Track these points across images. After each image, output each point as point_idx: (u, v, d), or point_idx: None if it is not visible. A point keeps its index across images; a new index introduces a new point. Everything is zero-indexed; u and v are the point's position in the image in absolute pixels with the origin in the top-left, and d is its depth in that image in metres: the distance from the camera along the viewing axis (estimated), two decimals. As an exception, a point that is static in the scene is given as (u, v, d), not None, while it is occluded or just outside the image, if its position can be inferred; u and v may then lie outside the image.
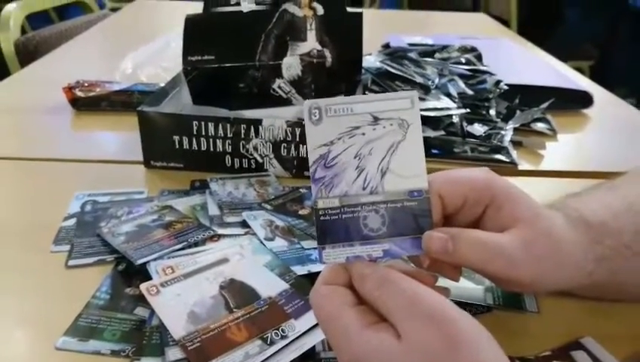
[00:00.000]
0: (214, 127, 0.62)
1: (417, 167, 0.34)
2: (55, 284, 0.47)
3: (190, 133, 0.63)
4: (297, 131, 0.62)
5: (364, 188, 0.34)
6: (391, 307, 0.30)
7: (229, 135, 0.63)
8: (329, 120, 0.34)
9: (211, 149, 0.64)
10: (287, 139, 0.62)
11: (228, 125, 0.62)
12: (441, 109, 0.74)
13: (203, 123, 0.62)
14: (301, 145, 0.63)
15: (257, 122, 0.62)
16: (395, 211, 0.34)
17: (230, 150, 0.64)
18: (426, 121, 0.72)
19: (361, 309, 0.31)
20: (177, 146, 0.64)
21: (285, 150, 0.63)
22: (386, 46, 1.07)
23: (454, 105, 0.75)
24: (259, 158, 0.64)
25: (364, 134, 0.34)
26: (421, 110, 0.70)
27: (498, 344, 0.30)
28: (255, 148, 0.63)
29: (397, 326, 0.30)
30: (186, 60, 0.76)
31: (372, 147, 0.34)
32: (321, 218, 0.34)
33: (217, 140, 0.63)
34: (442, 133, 0.72)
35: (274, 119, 0.62)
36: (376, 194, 0.34)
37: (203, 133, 0.63)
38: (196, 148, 0.64)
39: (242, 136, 0.63)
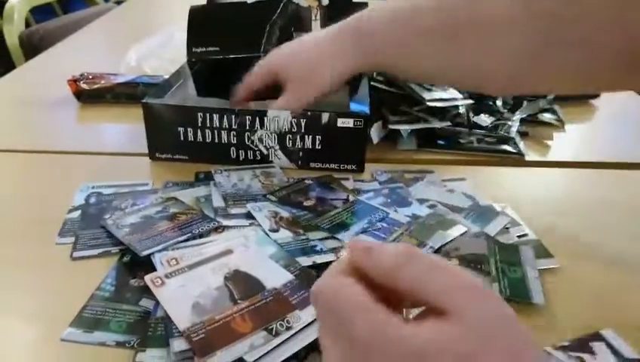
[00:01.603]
0: (219, 118, 0.62)
1: None
2: (60, 276, 0.47)
3: (195, 124, 0.63)
4: (303, 122, 0.61)
5: None
6: (432, 284, 0.26)
7: (233, 126, 0.62)
8: None
9: (216, 141, 0.63)
10: (293, 130, 0.62)
11: (233, 116, 0.62)
12: (448, 100, 0.73)
13: (208, 114, 0.62)
14: (306, 137, 0.62)
15: (262, 113, 0.61)
16: None
17: (235, 141, 0.63)
18: (433, 112, 0.72)
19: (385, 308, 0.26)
20: (182, 138, 0.64)
21: (290, 141, 0.63)
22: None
23: (460, 96, 0.75)
24: (264, 150, 0.64)
25: None
26: (427, 101, 0.69)
27: None
28: (260, 140, 0.63)
29: (446, 307, 0.25)
30: (191, 52, 0.75)
31: None
32: None
33: (222, 132, 0.63)
34: (448, 123, 0.72)
35: (279, 110, 0.61)
36: None
37: (208, 125, 0.63)
38: (201, 140, 0.64)
39: (247, 127, 0.62)
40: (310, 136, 0.62)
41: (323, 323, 0.28)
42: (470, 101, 0.75)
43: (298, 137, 0.62)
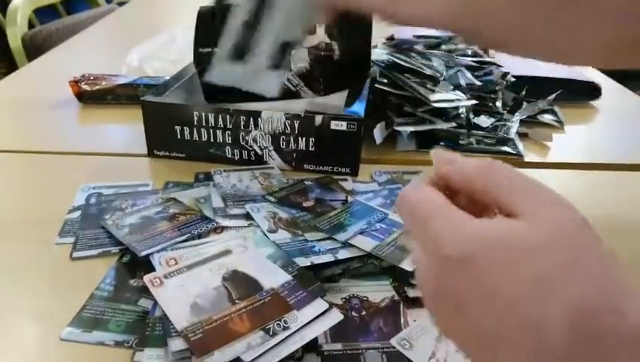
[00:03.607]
0: (214, 117, 0.62)
1: None
2: (60, 276, 0.47)
3: (191, 123, 0.63)
4: (296, 124, 0.62)
5: None
6: (508, 187, 0.26)
7: (228, 126, 0.63)
8: None
9: (212, 140, 0.64)
10: (287, 131, 0.62)
11: (227, 116, 0.62)
12: (452, 100, 0.73)
13: (203, 113, 0.62)
14: (300, 138, 0.62)
15: (256, 114, 0.62)
16: None
17: (230, 141, 0.64)
18: (437, 113, 0.72)
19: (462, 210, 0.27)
20: (179, 136, 0.64)
21: (284, 142, 0.63)
22: (391, 38, 1.06)
23: (465, 97, 0.75)
24: (258, 150, 0.64)
25: None
26: (432, 102, 0.69)
27: None
28: (254, 140, 0.63)
29: (516, 208, 0.25)
30: (197, 52, 0.75)
31: None
32: None
33: (217, 131, 0.63)
34: (453, 125, 0.72)
35: (272, 111, 0.62)
36: None
37: (203, 124, 0.63)
38: (197, 139, 0.64)
39: (242, 127, 0.63)
40: (304, 138, 0.62)
41: (406, 227, 0.30)
42: (474, 102, 0.75)
43: (292, 138, 0.63)
